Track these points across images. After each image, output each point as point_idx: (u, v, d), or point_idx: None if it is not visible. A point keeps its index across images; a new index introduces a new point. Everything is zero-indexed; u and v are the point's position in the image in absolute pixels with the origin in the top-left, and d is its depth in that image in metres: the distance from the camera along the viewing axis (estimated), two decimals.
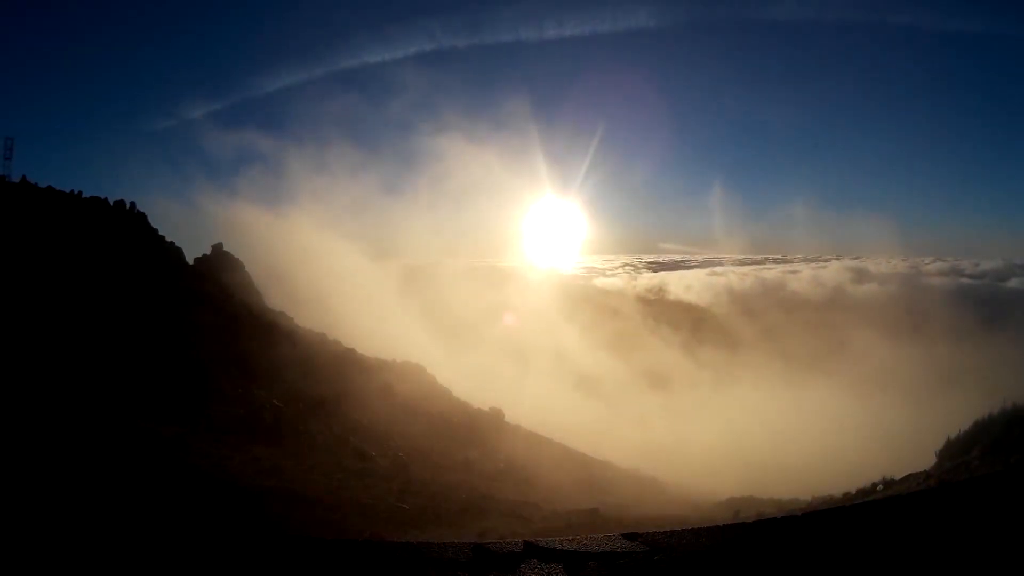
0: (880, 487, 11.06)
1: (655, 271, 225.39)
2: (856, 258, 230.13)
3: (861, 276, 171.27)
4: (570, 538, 4.39)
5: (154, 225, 33.41)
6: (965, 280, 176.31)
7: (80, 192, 31.70)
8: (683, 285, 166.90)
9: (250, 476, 12.34)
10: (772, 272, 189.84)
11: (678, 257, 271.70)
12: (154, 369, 19.88)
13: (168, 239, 33.43)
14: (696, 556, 3.96)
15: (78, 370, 17.29)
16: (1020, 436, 9.42)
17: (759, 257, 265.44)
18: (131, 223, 32.04)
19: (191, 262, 35.18)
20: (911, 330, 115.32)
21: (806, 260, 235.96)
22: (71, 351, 18.57)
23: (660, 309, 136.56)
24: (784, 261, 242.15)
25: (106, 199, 32.57)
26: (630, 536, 4.34)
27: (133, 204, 33.13)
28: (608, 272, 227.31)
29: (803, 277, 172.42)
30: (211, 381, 20.53)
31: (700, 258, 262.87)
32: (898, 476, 11.34)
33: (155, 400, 17.31)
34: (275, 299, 40.46)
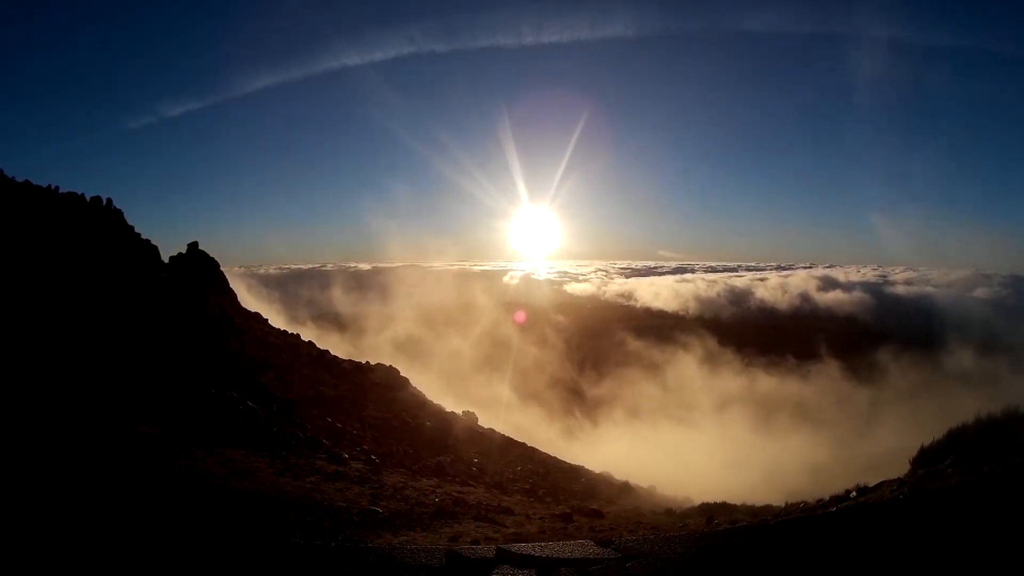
0: (853, 494, 11.13)
1: (627, 277, 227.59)
2: (829, 266, 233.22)
3: (826, 284, 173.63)
4: (543, 544, 4.41)
5: (130, 222, 33.10)
6: (930, 289, 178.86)
7: (56, 187, 31.38)
8: (651, 292, 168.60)
9: (223, 478, 12.21)
10: (742, 280, 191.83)
11: (651, 263, 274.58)
12: (128, 367, 19.68)
13: (144, 237, 33.09)
14: (669, 563, 3.98)
15: (50, 365, 17.09)
16: (994, 446, 9.55)
17: (732, 264, 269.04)
18: (107, 220, 31.70)
19: (166, 260, 34.90)
20: (854, 342, 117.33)
21: (779, 268, 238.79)
22: (43, 346, 18.35)
23: (623, 315, 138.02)
24: (756, 269, 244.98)
25: (82, 195, 32.29)
26: (603, 542, 4.37)
27: (110, 200, 32.83)
28: (580, 277, 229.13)
29: (769, 285, 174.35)
30: (185, 381, 20.34)
31: (673, 264, 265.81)
32: (871, 483, 11.45)
33: (129, 399, 17.13)
34: (249, 300, 40.28)
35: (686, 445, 58.94)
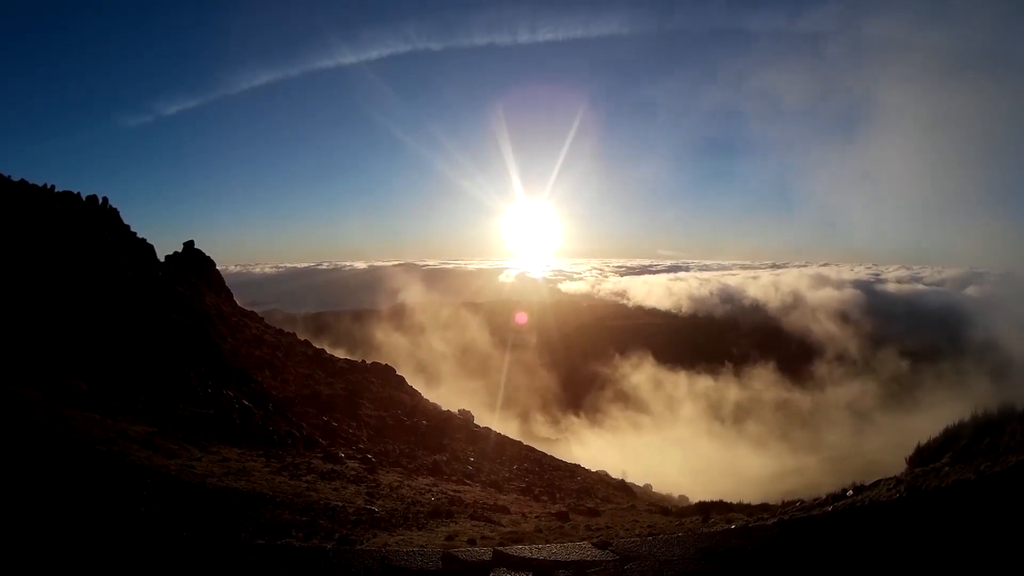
0: (850, 493, 11.12)
1: (622, 275, 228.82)
2: (824, 264, 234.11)
3: (818, 282, 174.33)
4: (540, 546, 4.37)
5: (126, 221, 33.08)
6: (920, 287, 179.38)
7: (52, 186, 31.32)
8: (644, 290, 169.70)
9: (218, 477, 12.18)
10: (735, 278, 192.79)
11: (647, 261, 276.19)
12: (123, 366, 19.61)
13: (140, 235, 33.05)
14: (668, 565, 3.95)
15: (44, 364, 17.01)
16: (990, 443, 9.55)
17: (727, 263, 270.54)
18: (103, 219, 31.63)
19: (162, 259, 34.81)
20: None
21: (773, 266, 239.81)
22: (37, 345, 18.27)
23: (616, 314, 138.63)
24: (750, 267, 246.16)
25: (78, 194, 32.29)
26: (601, 544, 4.33)
27: (105, 199, 32.84)
28: (575, 276, 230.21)
29: (761, 283, 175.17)
30: (180, 380, 20.28)
31: (668, 263, 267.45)
32: (868, 482, 11.44)
33: (124, 398, 17.08)
34: (244, 298, 40.22)
35: (679, 444, 59.05)
